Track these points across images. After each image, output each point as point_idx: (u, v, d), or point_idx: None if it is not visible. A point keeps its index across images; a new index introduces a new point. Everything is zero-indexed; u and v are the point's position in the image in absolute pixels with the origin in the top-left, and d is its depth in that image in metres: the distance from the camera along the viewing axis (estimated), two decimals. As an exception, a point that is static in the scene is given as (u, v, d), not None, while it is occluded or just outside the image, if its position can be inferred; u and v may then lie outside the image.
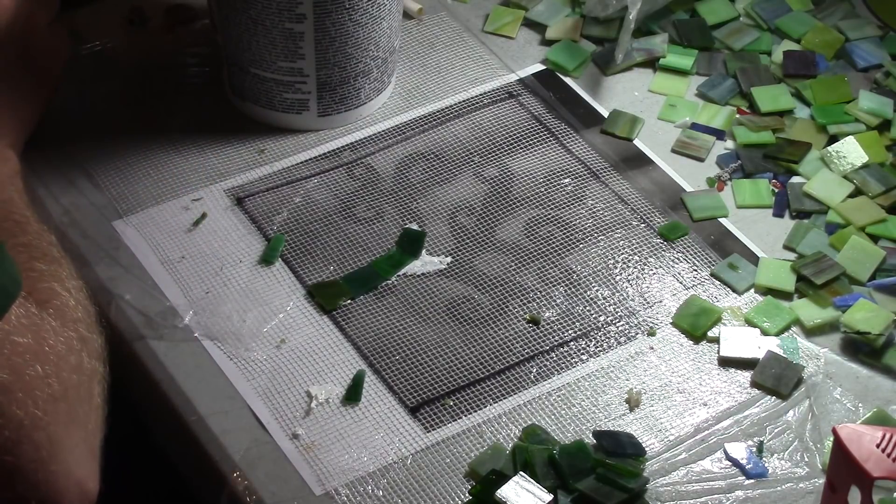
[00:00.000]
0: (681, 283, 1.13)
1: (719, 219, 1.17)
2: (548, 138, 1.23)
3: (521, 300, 1.11)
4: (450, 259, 1.14)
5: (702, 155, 1.22)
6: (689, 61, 1.29)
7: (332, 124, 1.23)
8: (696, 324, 1.09)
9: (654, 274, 1.13)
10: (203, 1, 1.28)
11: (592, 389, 1.06)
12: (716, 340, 1.09)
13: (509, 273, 1.13)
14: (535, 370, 1.07)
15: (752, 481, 1.00)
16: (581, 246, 1.15)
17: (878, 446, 0.90)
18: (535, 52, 1.31)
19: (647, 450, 1.01)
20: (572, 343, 1.08)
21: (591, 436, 1.02)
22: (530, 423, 1.03)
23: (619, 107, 1.26)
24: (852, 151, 1.21)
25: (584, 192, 1.19)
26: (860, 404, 1.05)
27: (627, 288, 1.12)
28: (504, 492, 0.97)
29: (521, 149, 1.22)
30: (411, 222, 1.16)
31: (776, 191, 1.20)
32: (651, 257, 1.15)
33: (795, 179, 1.20)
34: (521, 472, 0.98)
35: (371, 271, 1.12)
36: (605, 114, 1.25)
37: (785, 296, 1.12)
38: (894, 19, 1.33)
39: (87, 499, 0.89)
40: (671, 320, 1.10)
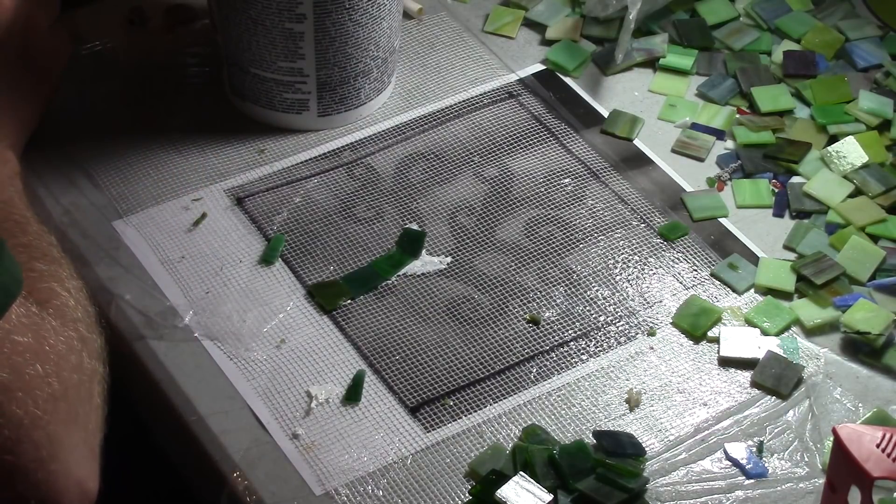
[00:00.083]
0: (681, 283, 1.13)
1: (719, 219, 1.17)
2: (548, 138, 1.23)
3: (521, 300, 1.11)
4: (450, 259, 1.14)
5: (702, 155, 1.22)
6: (689, 61, 1.29)
7: (332, 124, 1.23)
8: (696, 324, 1.09)
9: (654, 274, 1.13)
10: (203, 1, 1.28)
11: (592, 389, 1.06)
12: (716, 340, 1.09)
13: (509, 273, 1.13)
14: (535, 370, 1.07)
15: (752, 481, 1.00)
16: (581, 246, 1.15)
17: (878, 446, 0.90)
18: (535, 52, 1.31)
19: (647, 450, 1.01)
20: (572, 343, 1.08)
21: (591, 436, 1.02)
22: (530, 423, 1.03)
23: (619, 107, 1.26)
24: (852, 151, 1.21)
25: (584, 192, 1.19)
26: (860, 404, 1.05)
27: (627, 288, 1.12)
28: (504, 492, 0.97)
29: (521, 149, 1.22)
30: (411, 222, 1.16)
31: (776, 191, 1.19)
32: (651, 257, 1.15)
33: (795, 179, 1.20)
34: (521, 472, 0.98)
35: (371, 271, 1.12)
36: (605, 114, 1.25)
37: (785, 296, 1.12)
38: (894, 19, 1.33)
39: (86, 498, 0.89)
40: (671, 320, 1.10)
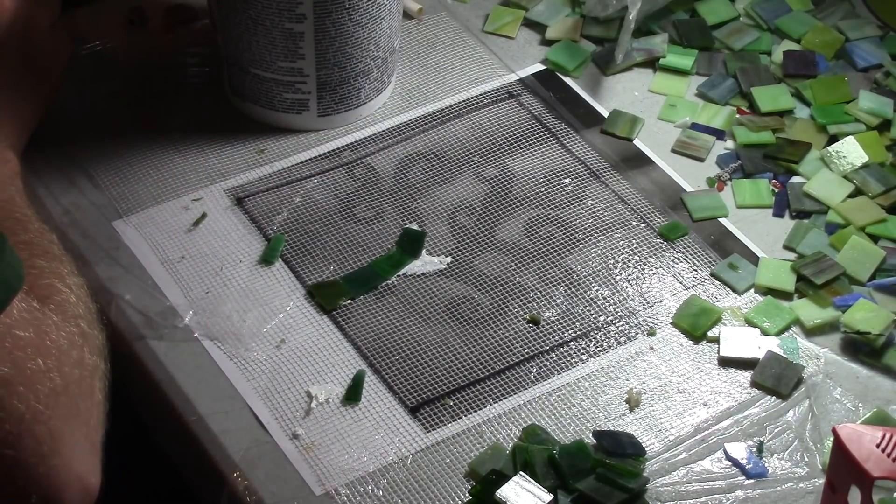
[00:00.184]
0: (681, 283, 1.13)
1: (719, 219, 1.17)
2: (548, 138, 1.23)
3: (521, 300, 1.11)
4: (450, 259, 1.14)
5: (702, 155, 1.22)
6: (689, 61, 1.29)
7: (332, 124, 1.23)
8: (696, 324, 1.09)
9: (654, 274, 1.13)
10: (203, 1, 1.28)
11: (592, 389, 1.06)
12: (716, 340, 1.09)
13: (509, 273, 1.13)
14: (535, 370, 1.07)
15: (752, 481, 1.00)
16: (581, 246, 1.15)
17: (878, 446, 0.90)
18: (535, 52, 1.31)
19: (647, 450, 1.01)
20: (572, 343, 1.08)
21: (591, 436, 1.02)
22: (530, 423, 1.03)
23: (619, 107, 1.26)
24: (852, 151, 1.21)
25: (584, 192, 1.19)
26: (860, 404, 1.05)
27: (627, 288, 1.12)
28: (504, 492, 0.97)
29: (521, 149, 1.22)
30: (411, 222, 1.16)
31: (776, 191, 1.19)
32: (651, 257, 1.15)
33: (795, 179, 1.20)
34: (521, 472, 0.98)
35: (371, 271, 1.12)
36: (605, 114, 1.25)
37: (785, 296, 1.12)
38: (894, 19, 1.33)
39: (88, 493, 0.89)
40: (671, 320, 1.10)
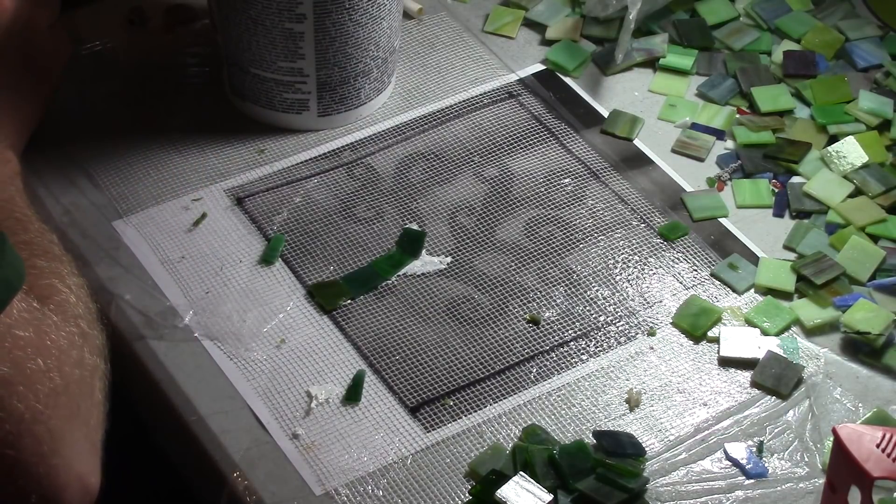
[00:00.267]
0: (681, 283, 1.13)
1: (719, 219, 1.17)
2: (548, 138, 1.23)
3: (521, 300, 1.11)
4: (450, 259, 1.14)
5: (702, 155, 1.22)
6: (689, 61, 1.29)
7: (332, 124, 1.23)
8: (696, 324, 1.09)
9: (654, 274, 1.13)
10: (203, 1, 1.28)
11: (592, 389, 1.06)
12: (716, 340, 1.09)
13: (509, 273, 1.13)
14: (535, 370, 1.07)
15: (752, 481, 1.00)
16: (581, 246, 1.15)
17: (878, 446, 0.90)
18: (535, 52, 1.31)
19: (647, 450, 1.01)
20: (572, 343, 1.08)
21: (591, 436, 1.02)
22: (530, 423, 1.03)
23: (619, 107, 1.26)
24: (852, 151, 1.21)
25: (584, 192, 1.19)
26: (860, 404, 1.05)
27: (627, 288, 1.12)
28: (504, 492, 0.97)
29: (521, 149, 1.22)
30: (411, 222, 1.16)
31: (776, 191, 1.19)
32: (651, 257, 1.15)
33: (795, 179, 1.20)
34: (521, 472, 0.98)
35: (371, 271, 1.12)
36: (605, 114, 1.25)
37: (785, 296, 1.12)
38: (894, 19, 1.33)
39: (88, 493, 0.89)
40: (671, 320, 1.10)
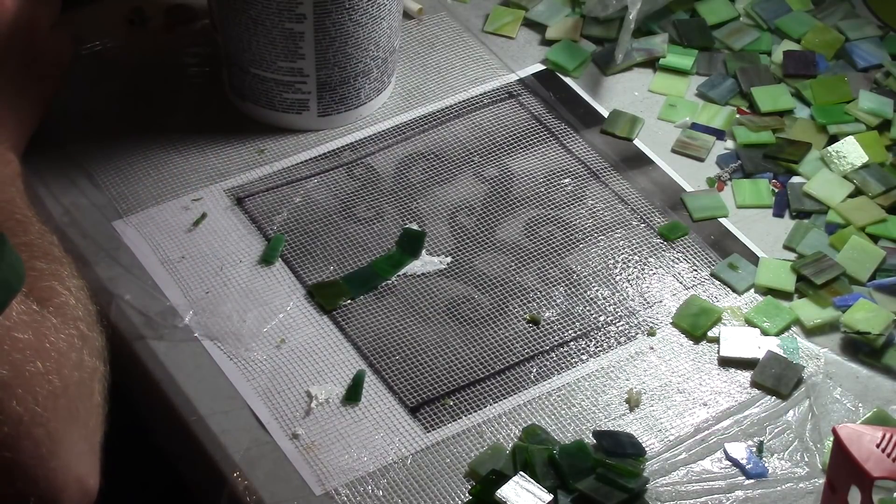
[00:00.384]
0: (681, 283, 1.13)
1: (719, 219, 1.17)
2: (548, 138, 1.23)
3: (521, 300, 1.11)
4: (450, 259, 1.14)
5: (702, 155, 1.22)
6: (689, 61, 1.29)
7: (332, 124, 1.23)
8: (696, 324, 1.09)
9: (654, 274, 1.13)
10: (203, 1, 1.28)
11: (592, 389, 1.06)
12: (716, 340, 1.09)
13: (509, 273, 1.13)
14: (535, 370, 1.07)
15: (752, 481, 1.00)
16: (581, 246, 1.15)
17: (878, 446, 0.90)
18: (535, 52, 1.31)
19: (647, 450, 1.01)
20: (572, 343, 1.08)
21: (591, 436, 1.02)
22: (530, 423, 1.03)
23: (619, 107, 1.26)
24: (852, 151, 1.21)
25: (584, 192, 1.19)
26: (860, 404, 1.05)
27: (627, 288, 1.12)
28: (504, 492, 0.97)
29: (521, 149, 1.22)
30: (411, 222, 1.16)
31: (776, 191, 1.19)
32: (651, 257, 1.15)
33: (795, 179, 1.20)
34: (521, 472, 0.98)
35: (371, 271, 1.12)
36: (605, 114, 1.25)
37: (785, 296, 1.12)
38: (894, 19, 1.33)
39: (87, 495, 0.89)
40: (671, 320, 1.10)
